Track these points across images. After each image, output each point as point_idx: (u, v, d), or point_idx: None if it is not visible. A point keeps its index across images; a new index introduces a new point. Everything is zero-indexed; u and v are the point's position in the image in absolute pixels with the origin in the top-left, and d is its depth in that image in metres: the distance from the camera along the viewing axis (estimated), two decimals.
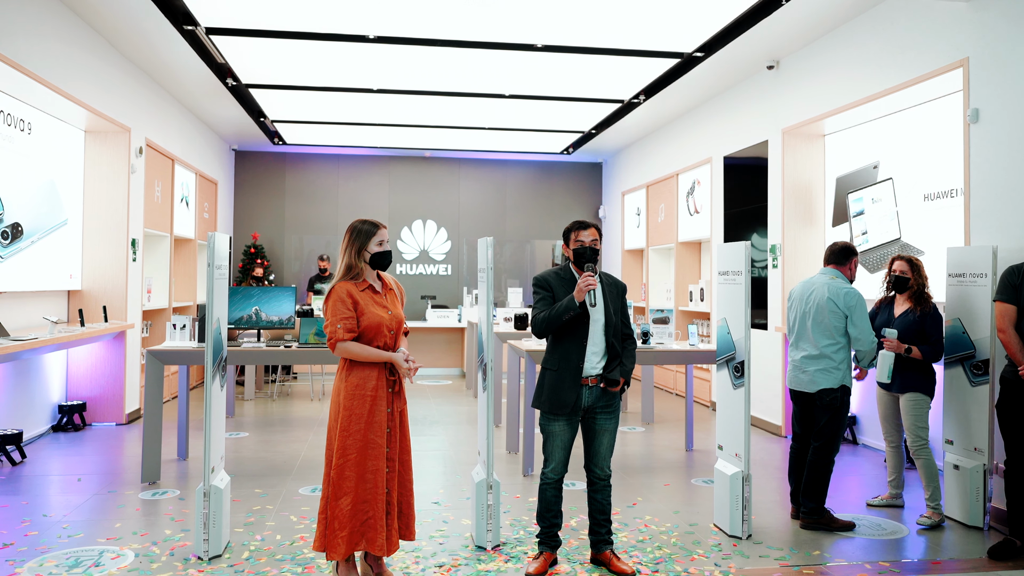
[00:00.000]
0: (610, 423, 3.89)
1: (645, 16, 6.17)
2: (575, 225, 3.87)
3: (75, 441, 6.71)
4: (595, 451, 3.90)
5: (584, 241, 3.82)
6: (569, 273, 3.88)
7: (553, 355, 3.84)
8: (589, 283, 3.67)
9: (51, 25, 6.11)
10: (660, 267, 10.91)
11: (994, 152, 4.89)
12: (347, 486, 3.48)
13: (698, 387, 9.12)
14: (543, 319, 3.77)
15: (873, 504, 5.01)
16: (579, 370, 3.77)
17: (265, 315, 6.02)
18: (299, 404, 8.91)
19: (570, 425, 3.84)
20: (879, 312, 4.97)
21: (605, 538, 3.94)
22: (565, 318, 3.72)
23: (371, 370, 3.57)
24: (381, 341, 3.60)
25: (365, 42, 6.82)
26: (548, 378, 3.83)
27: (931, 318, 4.74)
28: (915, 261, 4.84)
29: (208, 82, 8.37)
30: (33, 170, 6.51)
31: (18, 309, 6.44)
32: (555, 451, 3.85)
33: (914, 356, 4.69)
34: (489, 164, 13.19)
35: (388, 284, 3.79)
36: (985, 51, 4.98)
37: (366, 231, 3.65)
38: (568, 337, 3.79)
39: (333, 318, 3.53)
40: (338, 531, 3.47)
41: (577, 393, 3.77)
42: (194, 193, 10.16)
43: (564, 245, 3.92)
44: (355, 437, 3.50)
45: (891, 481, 5.02)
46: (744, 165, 8.20)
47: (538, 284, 3.87)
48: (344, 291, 3.57)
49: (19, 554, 4.00)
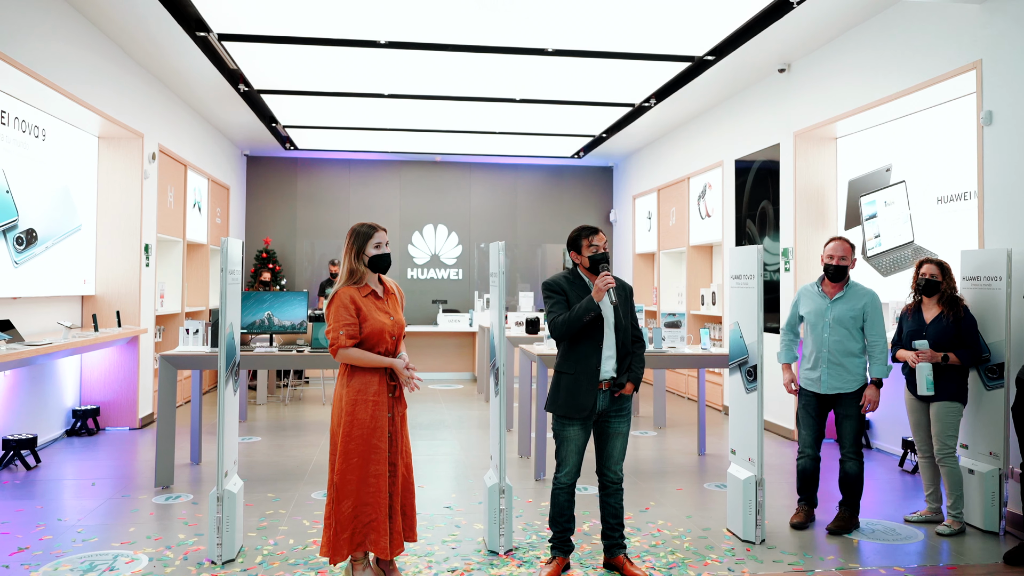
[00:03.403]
0: (623, 426, 3.88)
1: (656, 20, 6.17)
2: (586, 231, 3.87)
3: (89, 446, 6.75)
4: (608, 454, 3.89)
5: (599, 246, 3.84)
6: (579, 278, 3.89)
7: (568, 358, 3.82)
8: (608, 281, 3.68)
9: (65, 32, 6.16)
10: (671, 271, 10.89)
11: (1008, 154, 4.85)
12: (348, 489, 3.52)
13: (710, 391, 9.09)
14: (563, 321, 3.75)
15: (911, 520, 4.78)
16: (596, 373, 3.77)
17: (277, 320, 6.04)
18: (311, 408, 8.93)
19: (584, 429, 3.83)
20: (909, 319, 4.77)
21: (618, 542, 3.93)
22: (585, 319, 3.71)
23: (372, 375, 3.60)
24: (383, 347, 3.63)
25: (376, 47, 6.85)
26: (564, 381, 3.81)
27: (966, 321, 4.57)
28: (944, 264, 4.65)
29: (220, 88, 8.42)
30: (47, 176, 6.56)
31: (33, 314, 6.49)
32: (569, 455, 3.84)
33: (952, 363, 4.53)
34: (500, 168, 13.20)
35: (389, 288, 3.80)
36: (998, 53, 4.95)
37: (364, 233, 3.67)
38: (584, 340, 3.79)
39: (335, 324, 3.55)
40: (340, 534, 3.52)
41: (594, 396, 3.77)
42: (206, 198, 10.21)
43: (572, 252, 3.91)
44: (357, 442, 3.53)
45: (929, 495, 4.81)
46: (756, 168, 8.17)
47: (550, 289, 3.86)
48: (347, 297, 3.58)
49: (34, 558, 4.02)
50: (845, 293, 4.67)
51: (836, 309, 4.65)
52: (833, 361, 4.60)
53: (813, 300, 4.72)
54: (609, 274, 3.72)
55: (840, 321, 4.61)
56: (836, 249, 4.66)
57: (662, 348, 6.24)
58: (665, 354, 6.09)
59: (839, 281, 4.68)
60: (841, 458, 4.67)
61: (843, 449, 4.66)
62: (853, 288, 4.68)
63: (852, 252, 4.70)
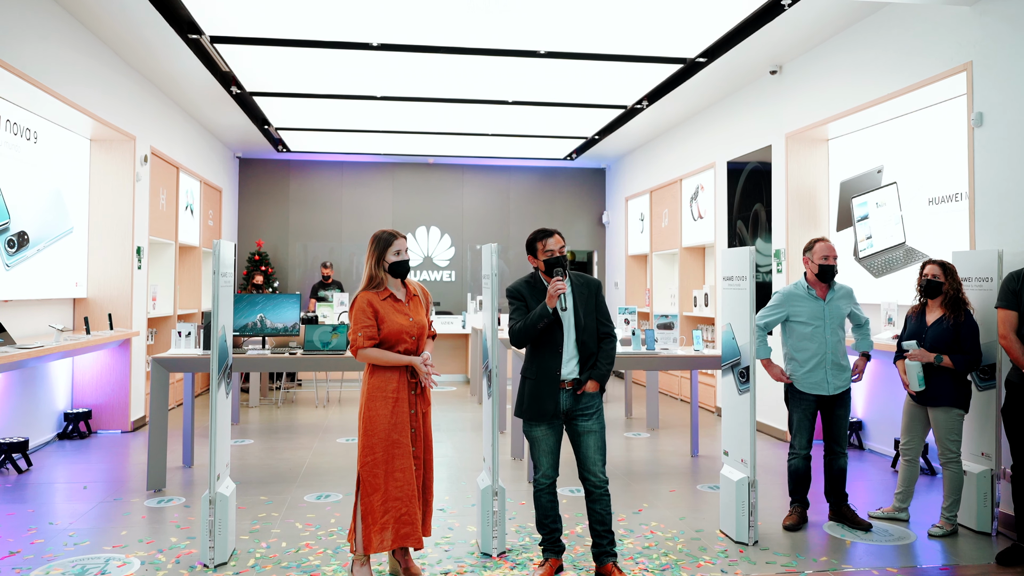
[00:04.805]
0: (592, 424, 3.82)
1: (648, 22, 6.18)
2: (540, 234, 3.88)
3: (81, 449, 6.72)
4: (583, 455, 3.84)
5: (553, 250, 3.83)
6: (540, 282, 3.88)
7: (531, 363, 3.86)
8: (559, 287, 3.68)
9: (57, 35, 6.13)
10: (664, 272, 10.91)
11: (998, 156, 4.88)
12: (376, 483, 3.67)
13: (703, 392, 9.10)
14: (519, 329, 3.79)
15: (875, 516, 4.86)
16: (557, 376, 3.79)
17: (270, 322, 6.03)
18: (304, 411, 8.91)
19: (552, 429, 3.83)
20: (912, 322, 4.74)
21: (607, 550, 3.86)
22: (540, 326, 3.73)
23: (392, 373, 3.75)
24: (403, 346, 3.77)
25: (368, 49, 6.84)
26: (528, 386, 3.86)
27: (966, 326, 4.48)
28: (948, 265, 4.57)
29: (212, 90, 8.40)
30: (39, 179, 6.54)
31: (24, 317, 6.46)
32: (541, 456, 3.86)
33: (945, 365, 4.49)
34: (492, 170, 13.21)
35: (412, 291, 3.92)
36: (989, 55, 4.98)
37: (384, 240, 3.83)
38: (543, 344, 3.81)
39: (355, 327, 3.73)
40: (371, 526, 3.65)
41: (556, 399, 3.79)
42: (199, 201, 10.18)
43: (530, 256, 3.92)
44: (379, 436, 3.69)
45: (898, 494, 4.84)
46: (748, 170, 8.20)
47: (511, 295, 3.88)
48: (365, 301, 3.75)
49: (25, 562, 4.00)
50: (835, 293, 4.71)
51: (832, 310, 4.68)
52: (836, 361, 4.66)
53: (807, 304, 4.72)
54: (560, 279, 3.70)
55: (839, 322, 4.71)
56: (828, 249, 4.70)
57: (655, 350, 6.25)
58: (658, 356, 6.09)
59: (828, 281, 4.72)
60: (834, 455, 4.72)
61: (837, 446, 4.71)
62: (838, 287, 4.77)
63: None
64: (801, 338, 4.71)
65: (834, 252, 4.70)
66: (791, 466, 4.77)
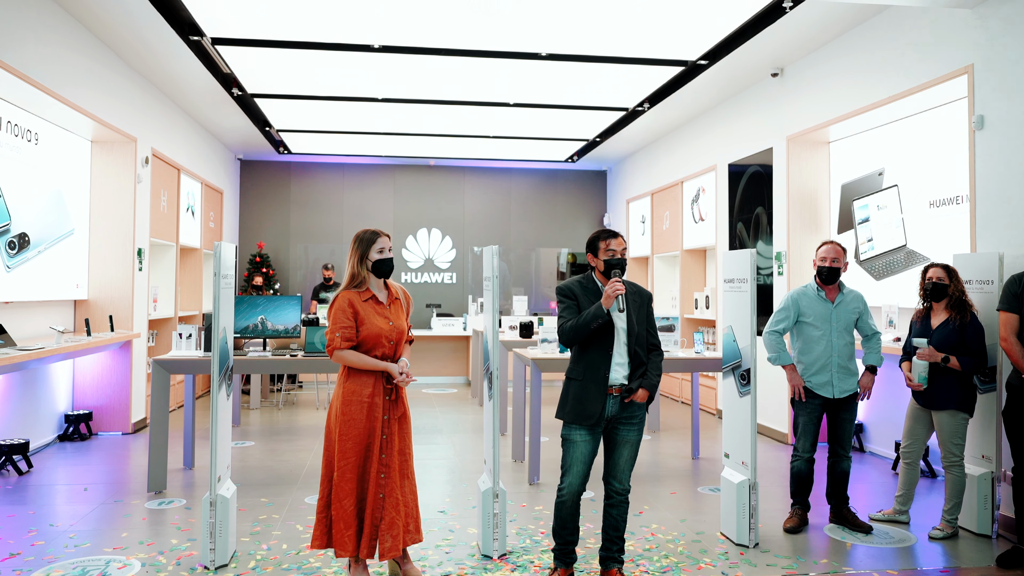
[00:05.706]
0: (632, 434, 3.76)
1: (649, 24, 6.19)
2: (604, 234, 3.80)
3: (81, 451, 6.72)
4: (615, 463, 3.78)
5: (616, 251, 3.77)
6: (592, 283, 3.81)
7: (578, 364, 3.76)
8: (617, 288, 3.60)
9: (58, 36, 6.14)
10: (665, 275, 10.91)
11: (999, 158, 4.88)
12: (348, 488, 3.61)
13: (704, 395, 9.10)
14: (571, 327, 3.69)
15: (876, 519, 4.86)
16: (605, 380, 3.68)
17: (271, 324, 6.03)
18: (304, 413, 8.91)
19: (592, 436, 3.72)
20: (917, 325, 4.73)
21: (615, 556, 3.82)
22: (593, 326, 3.64)
23: (367, 377, 3.68)
24: (380, 351, 3.70)
25: (370, 51, 6.85)
26: (573, 388, 3.75)
27: (971, 327, 4.48)
28: (951, 268, 4.58)
29: (214, 92, 8.41)
30: (40, 180, 6.54)
31: (25, 319, 6.46)
32: (574, 463, 3.72)
33: (952, 366, 4.47)
34: (494, 172, 13.22)
35: (395, 294, 3.85)
36: (990, 58, 4.98)
37: (367, 239, 3.76)
38: (594, 346, 3.71)
39: (333, 326, 3.66)
40: (344, 530, 3.59)
41: (602, 403, 3.68)
42: (200, 202, 10.19)
43: (590, 254, 3.86)
44: (353, 440, 3.62)
45: (899, 496, 4.84)
46: (749, 172, 8.20)
47: (563, 293, 3.79)
48: (346, 301, 3.68)
49: (26, 564, 4.00)
50: (844, 296, 4.71)
51: (840, 313, 4.68)
52: (842, 365, 4.66)
53: (816, 305, 4.72)
54: (619, 280, 3.65)
55: (846, 325, 4.70)
56: (829, 251, 4.71)
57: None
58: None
59: (832, 283, 4.72)
60: (838, 458, 4.74)
61: (841, 449, 4.73)
62: (847, 291, 4.76)
63: (844, 255, 4.73)
64: (809, 340, 4.72)
65: (836, 254, 4.70)
66: (794, 468, 4.77)
